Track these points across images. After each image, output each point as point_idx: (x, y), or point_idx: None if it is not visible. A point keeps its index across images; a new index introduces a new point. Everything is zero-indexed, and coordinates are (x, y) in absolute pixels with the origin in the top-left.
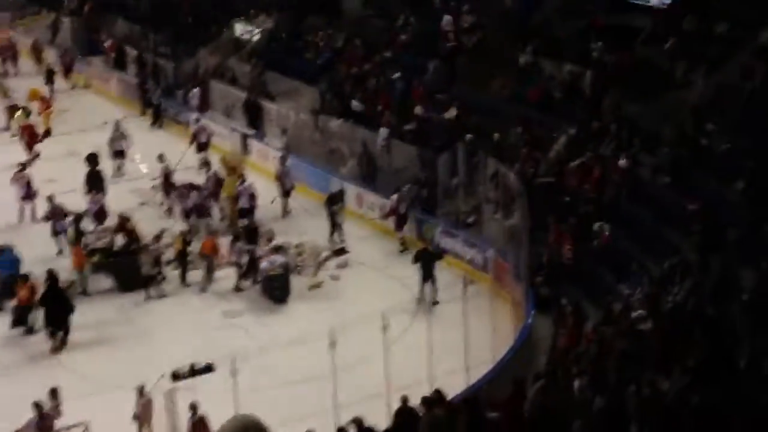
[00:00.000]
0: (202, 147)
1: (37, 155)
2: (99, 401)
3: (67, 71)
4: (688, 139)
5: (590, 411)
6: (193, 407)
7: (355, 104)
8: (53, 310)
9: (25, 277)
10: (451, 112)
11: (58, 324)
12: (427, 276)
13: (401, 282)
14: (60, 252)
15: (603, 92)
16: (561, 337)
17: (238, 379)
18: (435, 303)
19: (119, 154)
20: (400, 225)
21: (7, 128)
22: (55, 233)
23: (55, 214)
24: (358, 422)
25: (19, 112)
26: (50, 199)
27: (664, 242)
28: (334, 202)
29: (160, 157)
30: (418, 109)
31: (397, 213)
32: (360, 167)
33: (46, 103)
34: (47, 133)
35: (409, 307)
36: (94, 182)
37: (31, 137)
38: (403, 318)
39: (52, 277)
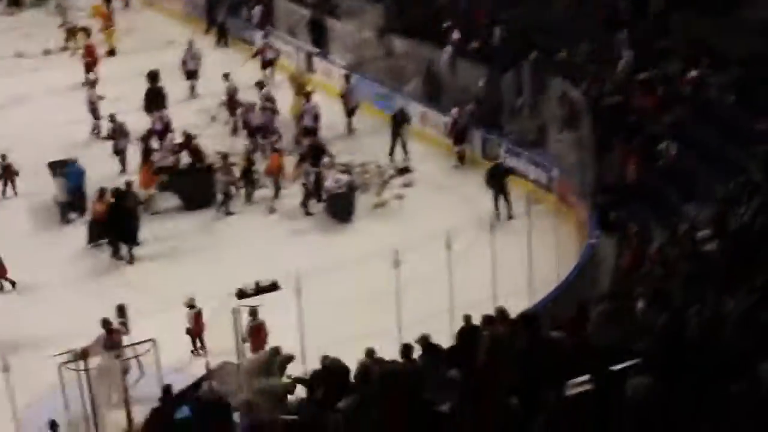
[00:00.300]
0: (267, 64)
1: (96, 78)
2: (166, 318)
3: None
4: (757, 57)
5: (652, 331)
6: (254, 312)
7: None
8: (122, 223)
9: (103, 192)
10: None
11: (127, 238)
12: (499, 192)
13: (466, 200)
14: (122, 171)
15: (671, 10)
16: (625, 257)
17: (303, 297)
18: (510, 218)
19: (192, 74)
20: (458, 140)
21: (66, 48)
22: (117, 152)
23: (117, 133)
24: (424, 340)
25: (80, 33)
26: (112, 118)
27: (730, 162)
28: (399, 121)
29: (225, 76)
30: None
31: (456, 127)
32: (424, 86)
33: (108, 21)
34: (112, 52)
35: (474, 225)
36: (155, 100)
37: (91, 56)
38: (468, 236)
39: (124, 190)
